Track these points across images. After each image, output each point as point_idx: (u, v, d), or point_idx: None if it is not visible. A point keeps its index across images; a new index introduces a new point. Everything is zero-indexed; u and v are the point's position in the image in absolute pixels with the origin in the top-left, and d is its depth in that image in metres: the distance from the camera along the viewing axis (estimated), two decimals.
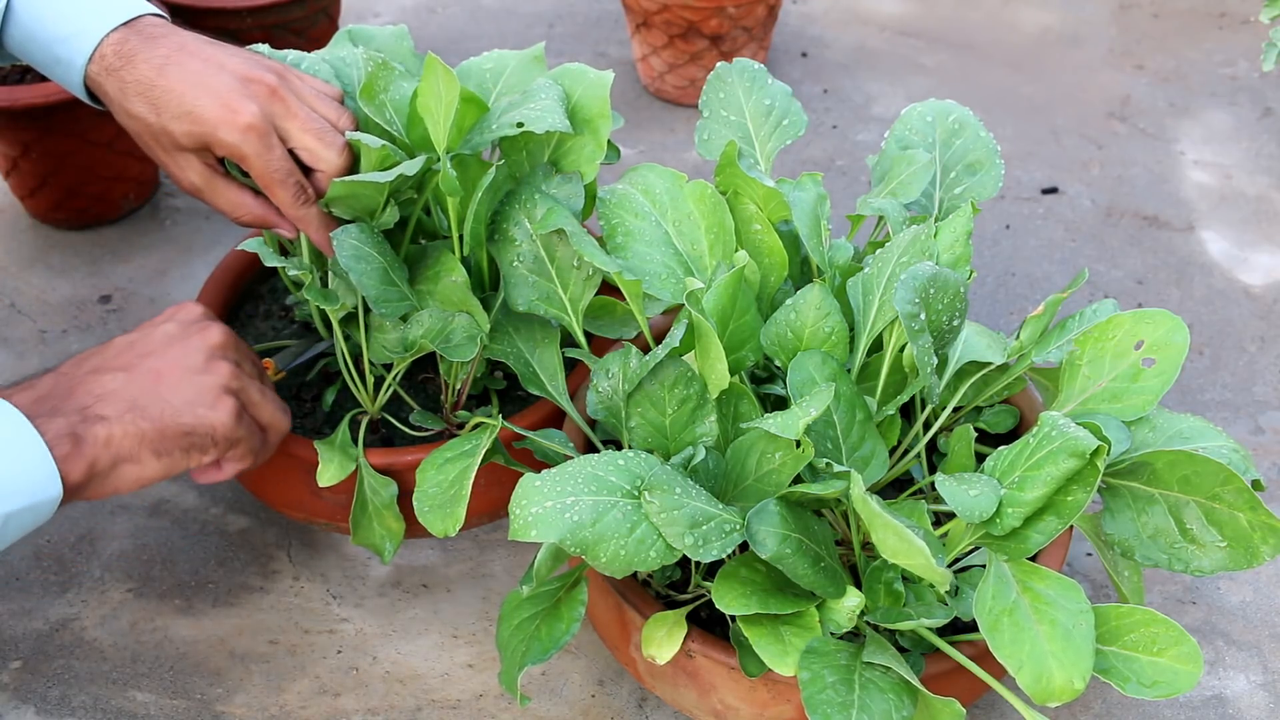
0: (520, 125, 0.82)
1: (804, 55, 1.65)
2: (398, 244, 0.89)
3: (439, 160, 0.83)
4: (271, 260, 0.83)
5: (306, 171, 0.84)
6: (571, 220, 0.83)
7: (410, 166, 0.80)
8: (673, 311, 0.86)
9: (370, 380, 0.93)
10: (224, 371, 0.79)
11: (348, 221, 0.86)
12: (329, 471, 0.86)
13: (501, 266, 0.86)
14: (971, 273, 0.84)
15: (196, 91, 0.81)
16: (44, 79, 1.20)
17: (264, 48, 0.91)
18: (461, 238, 0.86)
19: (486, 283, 0.90)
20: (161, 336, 0.80)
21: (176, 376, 0.77)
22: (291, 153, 0.83)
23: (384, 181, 0.80)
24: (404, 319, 0.86)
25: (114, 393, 0.75)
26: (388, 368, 0.93)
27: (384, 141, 0.83)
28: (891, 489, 0.89)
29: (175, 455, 0.76)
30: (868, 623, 0.75)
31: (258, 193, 0.86)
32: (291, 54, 0.92)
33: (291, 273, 0.85)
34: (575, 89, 0.87)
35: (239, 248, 0.86)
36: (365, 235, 0.83)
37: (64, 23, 0.83)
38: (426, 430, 0.93)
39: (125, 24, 0.83)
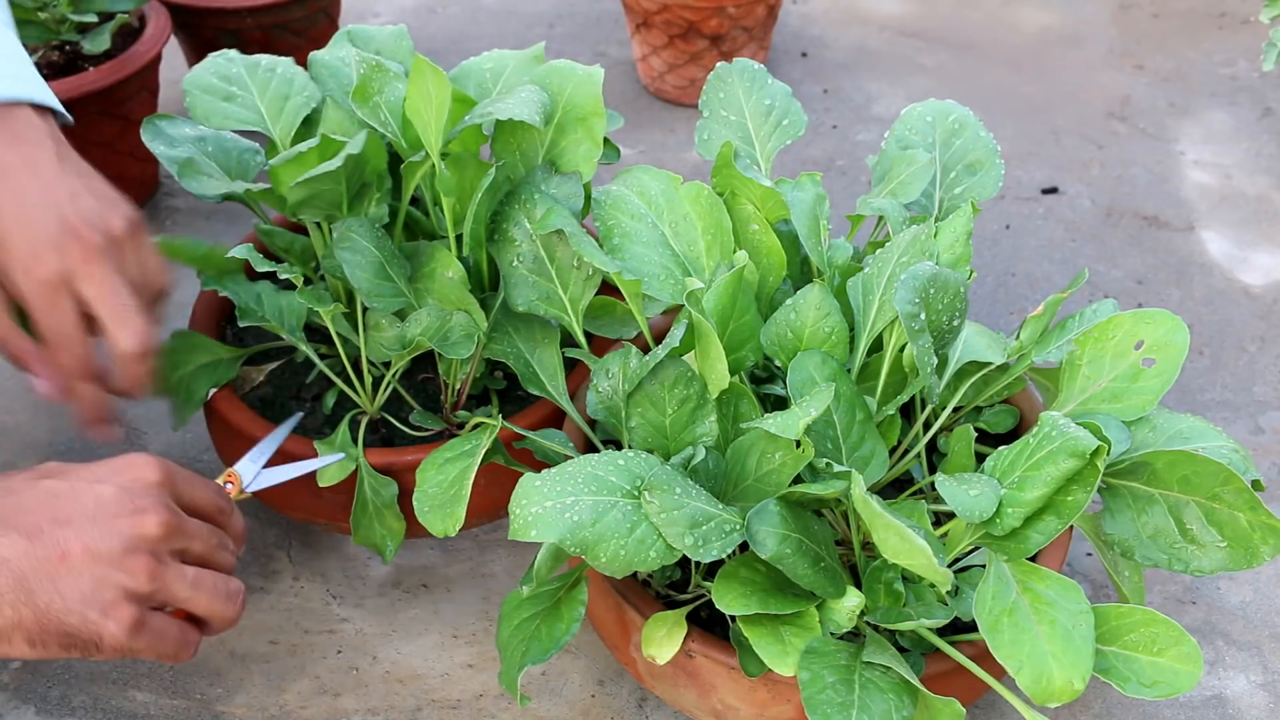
0: (486, 114, 0.82)
1: (804, 55, 1.65)
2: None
3: (420, 152, 0.84)
4: (262, 265, 0.83)
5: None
6: (571, 220, 0.83)
7: (355, 144, 0.79)
8: (672, 312, 0.86)
9: (369, 380, 0.93)
10: (138, 570, 0.66)
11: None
12: (329, 472, 0.87)
13: (501, 266, 0.86)
14: (971, 273, 0.84)
15: (14, 222, 0.75)
16: (44, 79, 1.20)
17: (239, 48, 0.88)
18: (459, 237, 0.86)
19: (486, 283, 0.91)
20: (89, 503, 0.67)
21: (81, 563, 0.65)
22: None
23: (335, 168, 0.79)
24: (400, 316, 0.86)
25: (5, 562, 0.63)
26: (387, 366, 0.93)
27: (323, 136, 0.83)
28: (891, 489, 0.89)
29: (52, 649, 0.65)
30: (868, 623, 0.75)
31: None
32: (281, 65, 0.92)
33: (282, 276, 0.85)
34: (565, 86, 0.87)
35: (231, 254, 0.86)
36: (364, 228, 0.83)
37: None
38: (426, 430, 0.93)
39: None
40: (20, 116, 0.78)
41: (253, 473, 0.86)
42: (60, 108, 0.82)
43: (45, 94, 0.81)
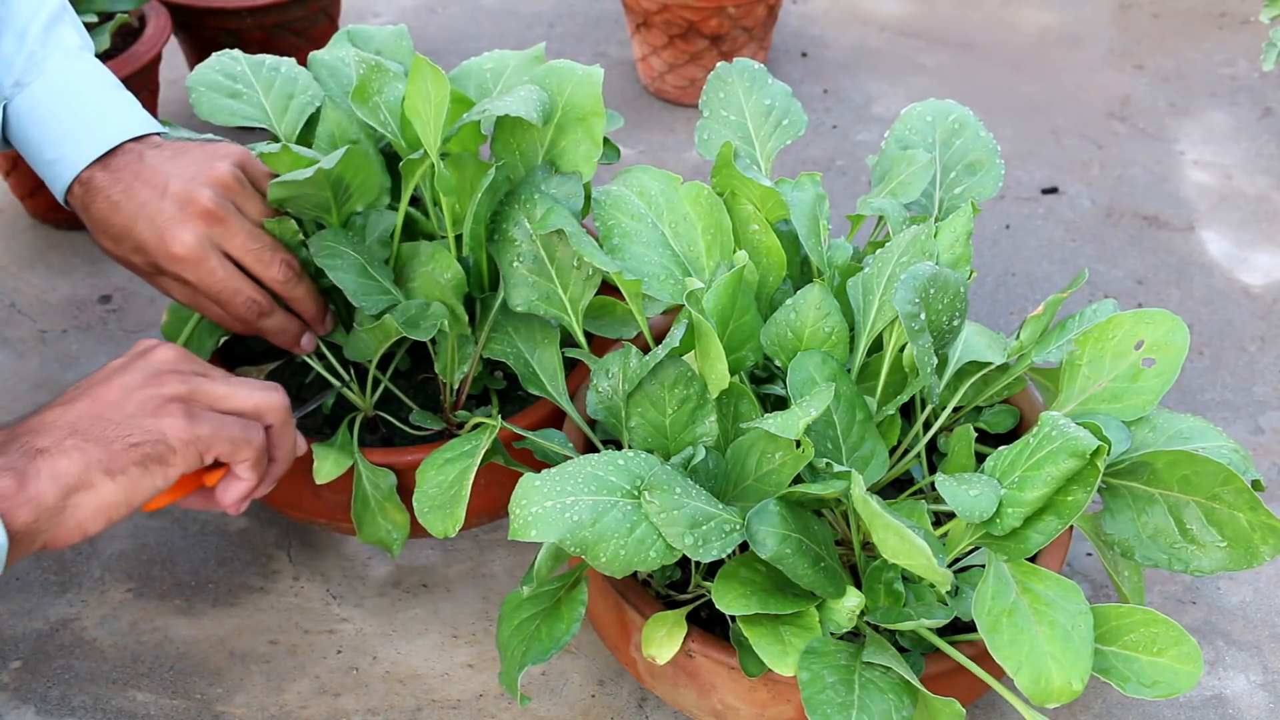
0: (484, 111, 0.82)
1: (804, 55, 1.65)
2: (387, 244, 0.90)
3: (418, 151, 0.84)
4: None
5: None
6: (571, 220, 0.83)
7: (329, 160, 0.82)
8: (672, 312, 0.86)
9: (370, 380, 0.93)
10: (168, 382, 0.74)
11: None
12: (325, 467, 0.86)
13: (501, 266, 0.86)
14: (971, 273, 0.84)
15: (140, 224, 0.83)
16: None
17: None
18: (459, 237, 0.86)
19: (486, 283, 0.91)
20: (107, 369, 0.75)
21: (116, 396, 0.72)
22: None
23: (304, 178, 0.81)
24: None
25: (50, 424, 0.70)
26: (383, 367, 0.93)
27: (306, 151, 0.86)
28: (891, 489, 0.89)
29: (131, 472, 0.70)
30: (868, 623, 0.75)
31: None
32: (285, 65, 0.93)
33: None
34: (565, 86, 0.87)
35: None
36: (337, 234, 0.86)
37: (48, 147, 0.86)
38: (426, 430, 0.93)
39: (100, 158, 0.84)
40: (122, 152, 0.85)
41: None
42: (158, 126, 0.89)
43: (135, 128, 0.87)
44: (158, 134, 0.88)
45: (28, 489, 0.66)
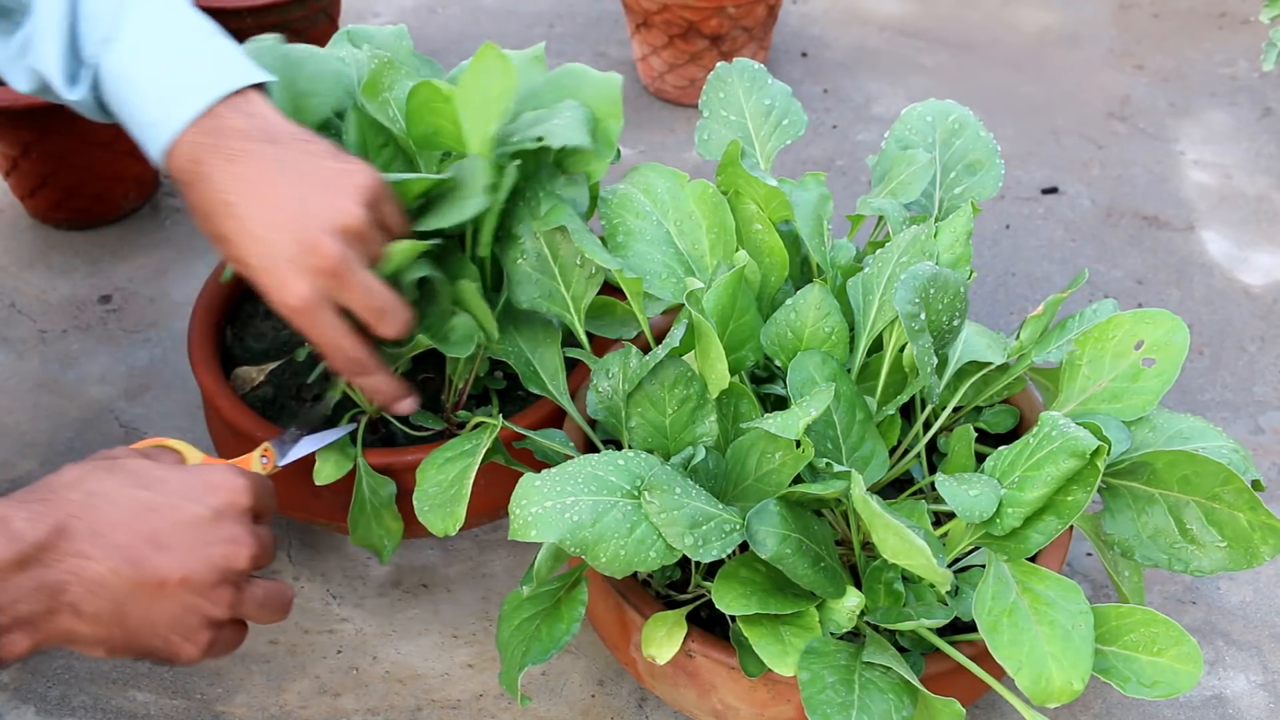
0: (540, 140, 0.81)
1: (804, 55, 1.65)
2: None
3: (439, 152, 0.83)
4: None
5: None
6: (574, 218, 0.83)
7: (468, 210, 0.79)
8: (673, 311, 0.86)
9: None
10: (222, 601, 0.68)
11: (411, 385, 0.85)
12: (325, 470, 0.86)
13: (505, 264, 0.86)
14: (971, 273, 0.84)
15: (251, 248, 0.74)
16: None
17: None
18: (474, 234, 0.86)
19: (489, 281, 0.91)
20: (186, 527, 0.67)
21: (175, 592, 0.66)
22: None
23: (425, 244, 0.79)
24: None
25: (101, 586, 0.63)
26: None
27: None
28: (891, 489, 0.89)
29: (125, 656, 0.66)
30: (868, 623, 0.75)
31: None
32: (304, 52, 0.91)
33: None
34: (581, 90, 0.87)
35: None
36: None
37: (147, 107, 0.75)
38: (426, 430, 0.93)
39: (205, 114, 0.74)
40: (226, 120, 0.75)
41: (282, 451, 0.85)
42: (263, 75, 0.78)
43: (237, 79, 0.76)
44: (263, 84, 0.79)
45: (34, 639, 0.62)
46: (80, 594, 0.63)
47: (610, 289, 0.88)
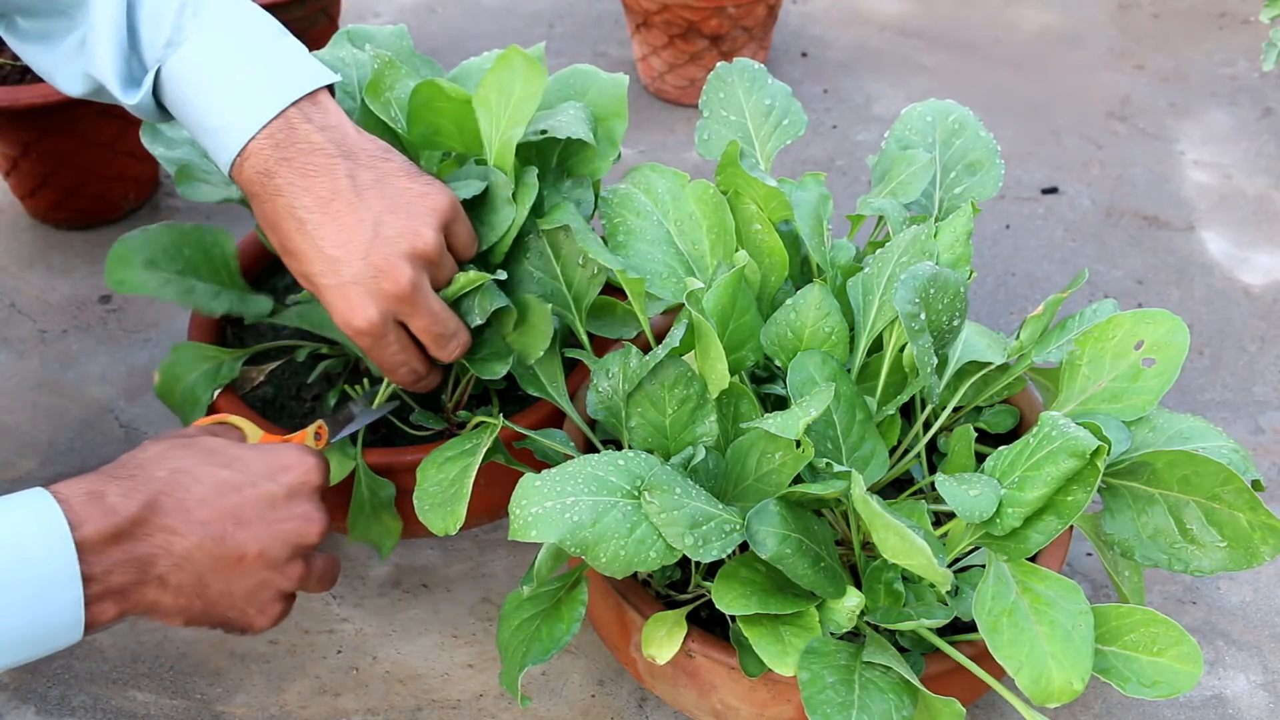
0: (544, 132, 0.82)
1: (804, 55, 1.65)
2: None
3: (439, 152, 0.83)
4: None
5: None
6: (577, 217, 0.83)
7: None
8: (673, 311, 0.86)
9: (368, 381, 0.93)
10: (294, 575, 0.72)
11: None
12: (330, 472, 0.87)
13: (508, 264, 0.86)
14: (971, 273, 0.84)
15: (322, 267, 0.74)
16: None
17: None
18: (492, 249, 0.86)
19: None
20: (263, 504, 0.70)
21: (253, 566, 0.69)
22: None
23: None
24: None
25: (187, 559, 0.66)
26: None
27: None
28: (891, 489, 0.89)
29: (202, 625, 0.70)
30: (868, 623, 0.75)
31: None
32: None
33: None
34: (588, 90, 0.88)
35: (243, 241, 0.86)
36: None
37: (212, 114, 0.74)
38: (427, 430, 0.93)
39: (278, 121, 0.73)
40: (299, 129, 0.73)
41: (335, 429, 0.86)
42: (331, 76, 0.77)
43: (313, 76, 0.75)
44: (330, 87, 0.78)
45: (122, 608, 0.65)
46: (168, 567, 0.66)
47: (610, 289, 0.88)
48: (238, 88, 0.73)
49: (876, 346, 0.82)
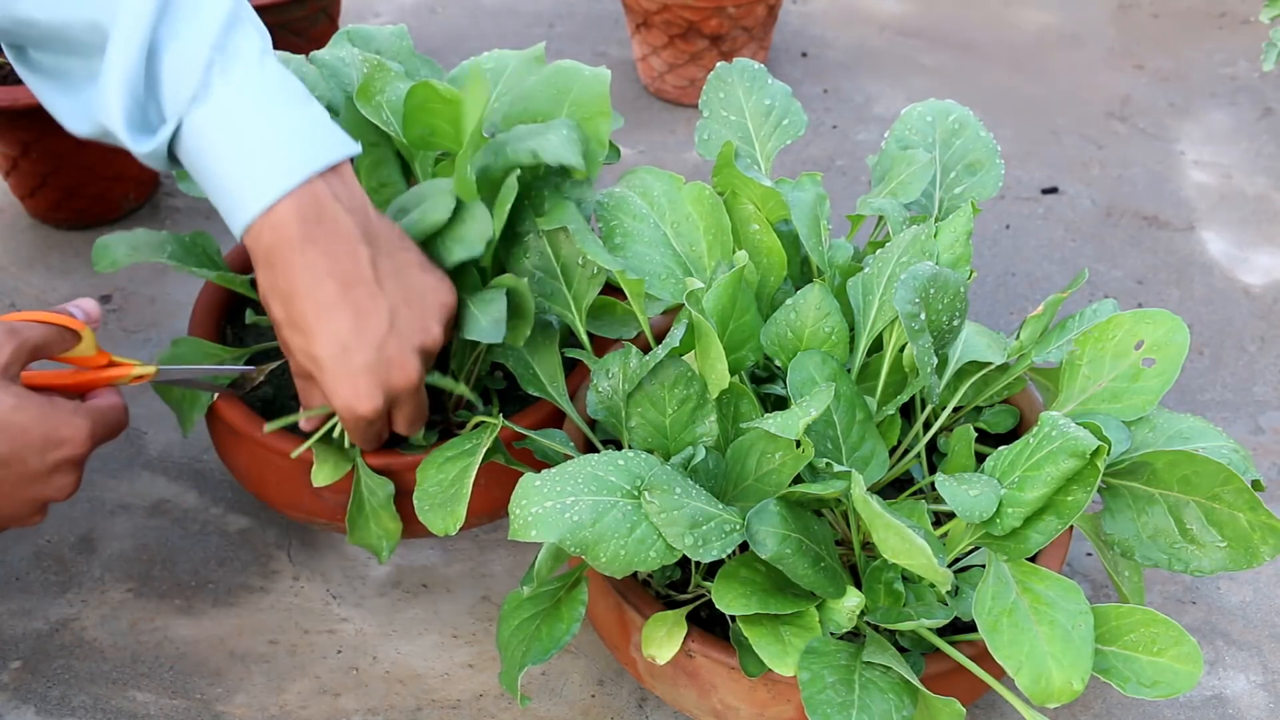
0: (535, 154, 0.81)
1: (804, 55, 1.65)
2: None
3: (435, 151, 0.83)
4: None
5: None
6: (577, 217, 0.83)
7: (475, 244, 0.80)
8: (673, 311, 0.86)
9: None
10: (41, 511, 0.76)
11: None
12: (323, 471, 0.86)
13: (508, 263, 0.86)
14: (971, 273, 0.84)
15: (333, 355, 0.73)
16: None
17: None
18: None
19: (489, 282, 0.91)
20: (21, 479, 0.73)
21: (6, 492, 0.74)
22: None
23: None
24: None
25: None
26: None
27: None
28: (891, 489, 0.89)
29: None
30: (868, 623, 0.75)
31: None
32: (294, 62, 0.91)
33: None
34: (572, 87, 0.87)
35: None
36: None
37: (234, 172, 0.72)
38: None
39: (300, 191, 0.71)
40: (327, 208, 0.72)
41: (167, 374, 0.86)
42: (354, 147, 0.75)
43: (337, 145, 0.74)
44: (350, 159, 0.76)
45: None
46: None
47: (610, 289, 0.88)
48: (263, 148, 0.72)
49: (876, 346, 0.82)
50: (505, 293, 0.81)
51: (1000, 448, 0.75)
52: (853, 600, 0.71)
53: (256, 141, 0.72)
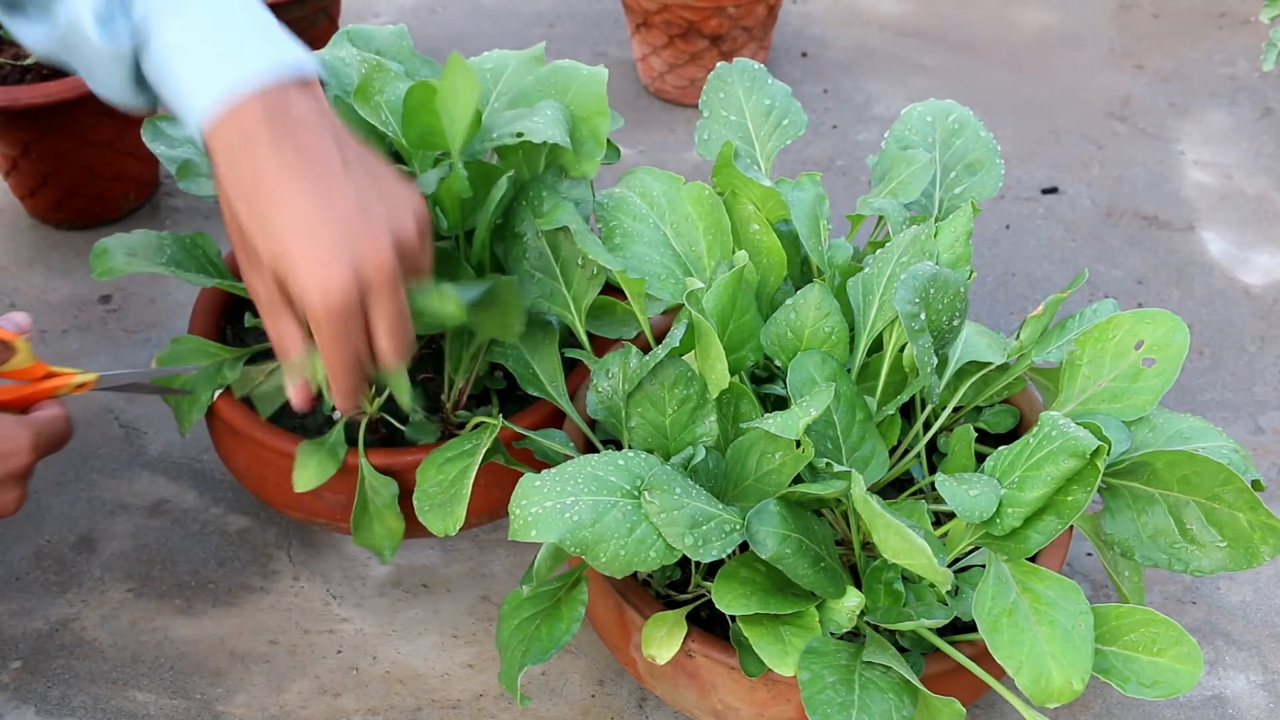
0: (520, 135, 0.81)
1: (804, 55, 1.65)
2: None
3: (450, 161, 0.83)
4: None
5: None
6: (576, 217, 0.83)
7: (427, 183, 0.79)
8: (673, 311, 0.86)
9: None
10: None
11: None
12: (305, 475, 0.85)
13: (507, 264, 0.86)
14: (971, 273, 0.84)
15: (300, 240, 0.68)
16: (44, 79, 1.20)
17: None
18: (467, 236, 0.86)
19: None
20: None
21: None
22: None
23: None
24: None
25: None
26: None
27: None
28: (891, 489, 0.89)
29: None
30: (868, 623, 0.75)
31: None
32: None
33: None
34: (570, 86, 0.87)
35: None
36: None
37: (200, 68, 0.70)
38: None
39: (272, 88, 0.69)
40: (295, 103, 0.69)
41: (108, 380, 0.85)
42: (320, 70, 0.73)
43: (307, 63, 0.71)
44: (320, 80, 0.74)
45: None
46: None
47: (609, 289, 0.88)
48: (233, 47, 0.69)
49: (876, 346, 0.82)
50: (493, 286, 0.81)
51: (1000, 448, 0.75)
52: (853, 600, 0.71)
53: (225, 40, 0.70)
